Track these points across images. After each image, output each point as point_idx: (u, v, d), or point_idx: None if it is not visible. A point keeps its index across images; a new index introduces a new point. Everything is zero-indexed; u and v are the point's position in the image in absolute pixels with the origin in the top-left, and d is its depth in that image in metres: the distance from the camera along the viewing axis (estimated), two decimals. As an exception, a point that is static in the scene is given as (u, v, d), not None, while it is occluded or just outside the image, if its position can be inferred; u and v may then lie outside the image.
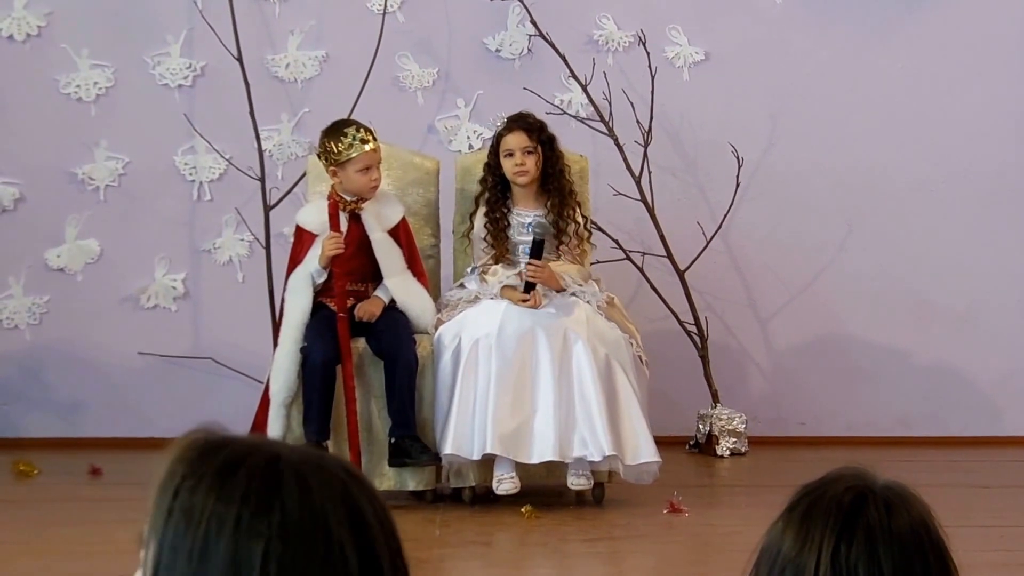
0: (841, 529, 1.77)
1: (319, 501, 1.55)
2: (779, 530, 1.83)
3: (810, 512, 1.81)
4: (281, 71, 7.63)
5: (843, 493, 1.81)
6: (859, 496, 1.80)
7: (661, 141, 7.58)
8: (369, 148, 6.35)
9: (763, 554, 1.84)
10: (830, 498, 1.81)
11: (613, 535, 6.00)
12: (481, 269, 6.58)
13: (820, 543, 1.77)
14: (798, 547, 1.79)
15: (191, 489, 1.54)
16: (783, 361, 7.80)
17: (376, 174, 6.39)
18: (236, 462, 1.55)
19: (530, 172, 6.54)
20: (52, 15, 7.56)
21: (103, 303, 7.59)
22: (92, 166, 7.58)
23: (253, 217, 7.52)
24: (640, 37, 7.58)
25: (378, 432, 6.36)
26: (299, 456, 1.58)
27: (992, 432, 7.71)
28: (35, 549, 5.66)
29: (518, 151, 6.53)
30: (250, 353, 7.40)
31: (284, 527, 1.53)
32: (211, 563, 1.53)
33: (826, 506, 1.80)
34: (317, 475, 1.56)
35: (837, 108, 7.71)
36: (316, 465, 1.57)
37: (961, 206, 7.75)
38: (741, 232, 7.70)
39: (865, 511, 1.79)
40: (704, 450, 7.44)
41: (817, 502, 1.81)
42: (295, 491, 1.55)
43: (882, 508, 1.79)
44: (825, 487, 1.83)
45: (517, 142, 6.55)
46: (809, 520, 1.80)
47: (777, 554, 1.81)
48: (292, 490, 1.54)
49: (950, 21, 7.70)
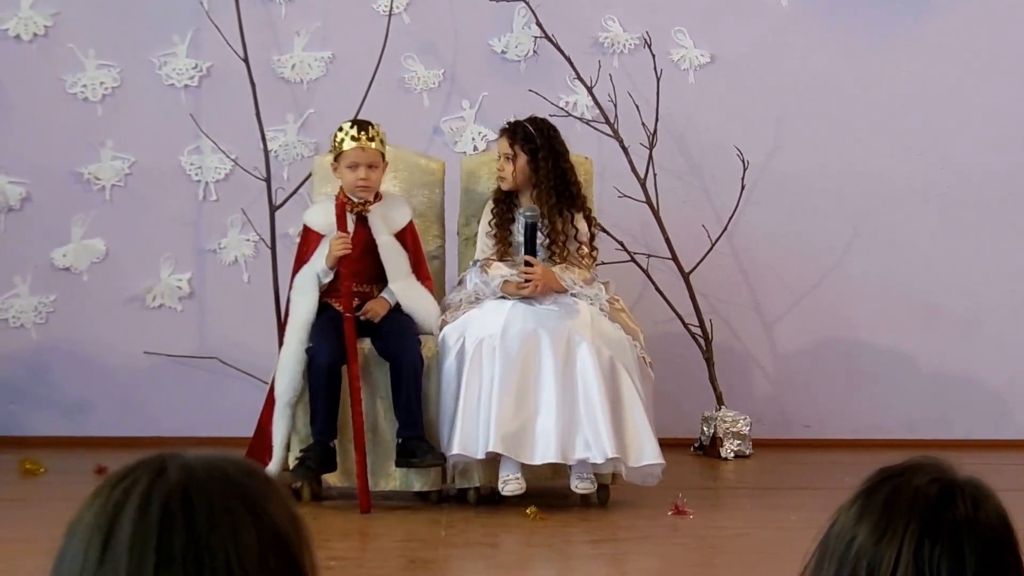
0: (926, 522, 1.70)
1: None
2: (854, 516, 1.74)
3: (893, 501, 1.72)
4: (287, 72, 7.64)
5: (928, 484, 1.73)
6: (946, 489, 1.73)
7: (666, 143, 7.59)
8: (356, 146, 6.32)
9: (833, 539, 1.74)
10: (915, 489, 1.73)
11: (617, 537, 6.00)
12: (482, 263, 6.58)
13: (903, 535, 1.69)
14: (877, 536, 1.71)
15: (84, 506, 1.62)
16: (788, 364, 7.81)
17: (363, 174, 6.34)
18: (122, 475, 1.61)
19: (507, 178, 6.57)
20: (59, 15, 7.57)
21: (109, 303, 7.60)
22: (98, 166, 7.60)
23: (259, 217, 7.53)
24: (646, 39, 7.58)
25: (383, 433, 6.36)
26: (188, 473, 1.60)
27: (998, 435, 7.72)
28: (41, 548, 5.63)
29: (500, 157, 6.59)
30: (255, 353, 7.41)
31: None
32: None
33: (911, 497, 1.72)
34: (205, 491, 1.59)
35: (842, 111, 7.71)
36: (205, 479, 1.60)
37: (966, 209, 7.75)
38: (746, 235, 7.70)
39: (953, 505, 1.72)
40: (708, 452, 7.45)
41: (900, 491, 1.73)
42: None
43: (969, 503, 1.72)
44: (907, 476, 1.75)
45: (499, 148, 6.63)
46: (891, 510, 1.71)
47: (851, 541, 1.72)
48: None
49: (956, 25, 7.70)
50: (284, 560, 1.58)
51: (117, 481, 1.61)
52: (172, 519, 1.56)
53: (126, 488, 1.59)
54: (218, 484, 1.59)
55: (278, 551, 1.57)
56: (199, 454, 1.63)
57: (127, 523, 1.57)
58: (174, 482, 1.58)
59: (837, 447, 7.57)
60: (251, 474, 1.62)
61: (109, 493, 1.60)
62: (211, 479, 1.59)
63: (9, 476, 6.85)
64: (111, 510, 1.59)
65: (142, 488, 1.59)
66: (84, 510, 1.62)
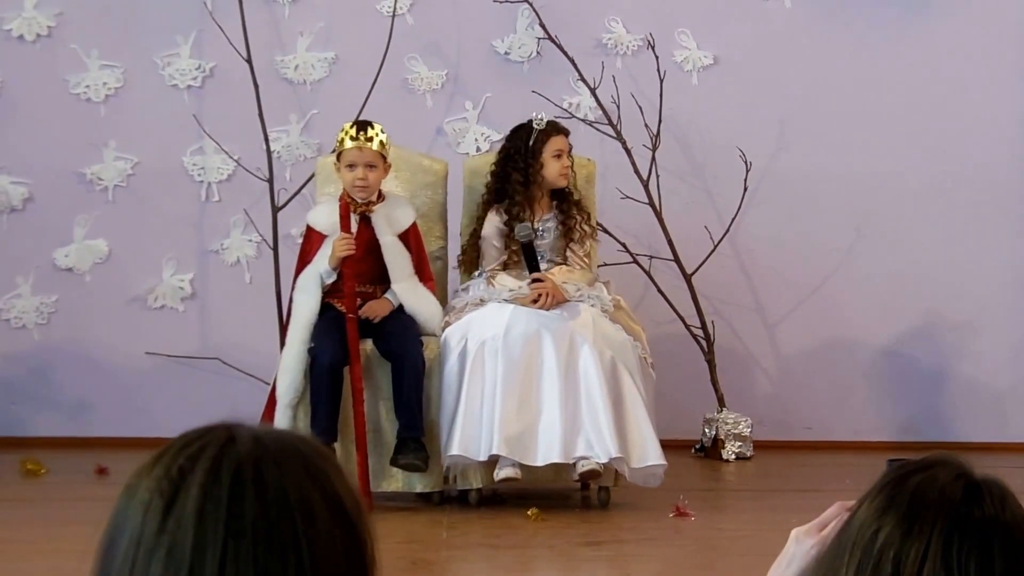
0: (955, 519, 1.67)
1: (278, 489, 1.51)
2: (878, 508, 1.71)
3: (920, 496, 1.69)
4: (290, 72, 7.64)
5: (954, 481, 1.71)
6: (972, 486, 1.70)
7: (669, 145, 7.59)
8: (354, 146, 6.33)
9: (855, 530, 1.71)
10: (942, 485, 1.70)
11: (619, 538, 6.00)
12: (489, 274, 6.58)
13: (931, 531, 1.66)
14: (904, 529, 1.68)
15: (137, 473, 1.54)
16: (789, 365, 7.81)
17: (361, 173, 6.34)
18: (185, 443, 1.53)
19: (568, 176, 6.58)
20: (62, 15, 7.57)
21: (111, 303, 7.60)
22: (101, 166, 7.60)
23: (261, 218, 7.54)
24: (649, 41, 7.58)
25: (385, 434, 6.36)
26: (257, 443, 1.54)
27: (999, 438, 7.71)
28: (43, 548, 5.67)
29: (566, 153, 6.56)
30: (257, 354, 7.42)
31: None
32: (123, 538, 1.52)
33: (939, 492, 1.69)
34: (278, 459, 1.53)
35: (845, 112, 7.71)
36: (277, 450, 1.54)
37: (969, 211, 7.75)
38: (748, 236, 7.70)
39: (981, 503, 1.69)
40: (710, 454, 7.45)
41: (926, 486, 1.70)
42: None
43: (997, 501, 1.70)
44: (931, 471, 1.72)
45: (566, 145, 6.58)
46: (919, 504, 1.69)
47: (876, 532, 1.69)
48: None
49: (958, 26, 7.70)
50: (350, 539, 1.53)
51: (182, 446, 1.52)
52: (243, 488, 1.48)
53: (192, 455, 1.51)
54: (289, 457, 1.53)
55: (345, 529, 1.53)
56: (265, 427, 1.57)
57: (195, 490, 1.48)
58: (245, 452, 1.51)
59: (839, 449, 7.57)
60: (318, 451, 1.56)
61: (174, 458, 1.51)
62: (282, 452, 1.53)
63: (10, 476, 6.85)
64: (175, 475, 1.50)
65: (211, 454, 1.50)
66: (142, 475, 1.52)
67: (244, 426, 1.55)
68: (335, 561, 1.51)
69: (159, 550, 1.48)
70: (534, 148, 6.55)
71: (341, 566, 1.51)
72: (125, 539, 1.51)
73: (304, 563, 1.48)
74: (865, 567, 1.67)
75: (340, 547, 1.51)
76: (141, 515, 1.50)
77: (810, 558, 2.01)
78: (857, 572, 1.67)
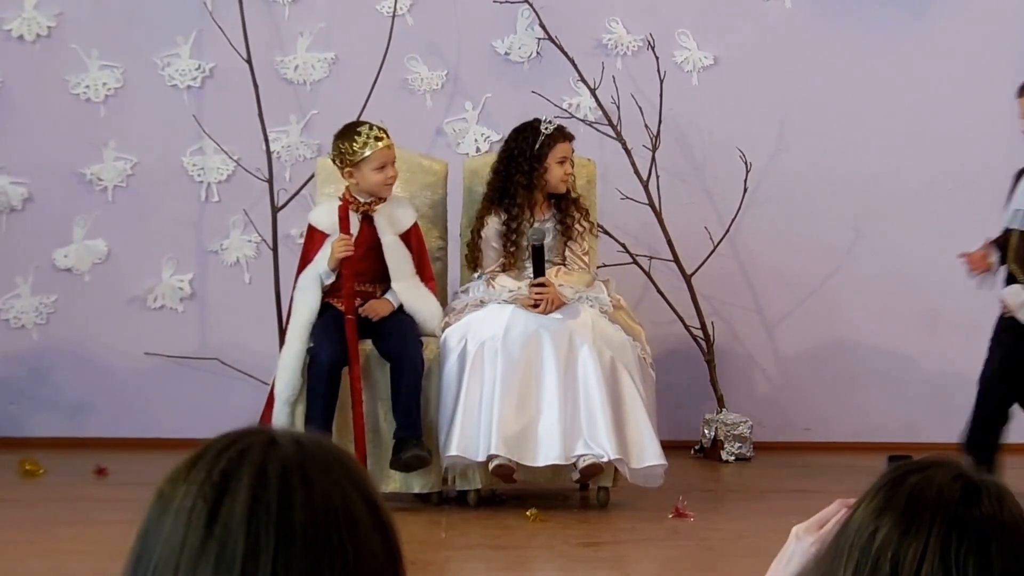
0: (953, 518, 1.67)
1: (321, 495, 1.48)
2: (875, 508, 1.70)
3: (917, 496, 1.69)
4: (290, 73, 7.64)
5: (952, 481, 1.70)
6: (970, 487, 1.70)
7: (669, 145, 7.58)
8: (383, 145, 6.37)
9: (852, 531, 1.70)
10: (939, 485, 1.69)
11: (618, 539, 6.00)
12: (488, 276, 6.58)
13: (929, 530, 1.66)
14: (901, 529, 1.67)
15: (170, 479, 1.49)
16: (789, 366, 7.80)
17: (392, 171, 6.41)
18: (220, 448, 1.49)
19: (570, 182, 6.61)
20: (62, 15, 7.57)
21: (110, 303, 7.60)
22: (100, 166, 7.60)
23: (261, 218, 7.53)
24: (649, 41, 7.58)
25: (384, 434, 6.36)
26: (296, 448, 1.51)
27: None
28: (41, 549, 5.67)
29: (569, 160, 6.57)
30: (256, 354, 7.41)
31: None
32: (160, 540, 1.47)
33: (936, 492, 1.69)
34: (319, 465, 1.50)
35: (845, 113, 7.71)
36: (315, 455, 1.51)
37: (969, 211, 7.74)
38: (748, 237, 7.70)
39: (979, 503, 1.68)
40: (709, 455, 7.44)
41: (924, 486, 1.70)
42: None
43: (995, 502, 1.69)
44: (930, 471, 1.72)
45: (571, 151, 6.59)
46: (916, 504, 1.68)
47: (874, 532, 1.68)
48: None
49: (958, 26, 7.70)
50: (387, 545, 1.50)
51: (220, 449, 1.48)
52: (292, 493, 1.44)
53: (233, 457, 1.46)
54: (331, 462, 1.50)
55: (383, 535, 1.50)
56: (298, 431, 1.53)
57: (242, 495, 1.44)
58: (290, 456, 1.47)
59: (838, 450, 7.57)
60: (350, 456, 1.54)
61: (213, 462, 1.47)
62: (324, 455, 1.49)
63: (9, 477, 6.85)
64: (218, 478, 1.45)
65: (255, 458, 1.46)
66: (178, 481, 1.47)
67: (282, 430, 1.51)
68: (376, 566, 1.48)
69: (207, 556, 1.44)
70: (539, 152, 6.55)
71: (381, 572, 1.49)
72: (162, 547, 1.46)
73: (350, 569, 1.45)
74: (863, 568, 1.66)
75: (380, 552, 1.49)
76: (183, 521, 1.45)
77: (810, 556, 2.01)
78: (855, 573, 1.66)
